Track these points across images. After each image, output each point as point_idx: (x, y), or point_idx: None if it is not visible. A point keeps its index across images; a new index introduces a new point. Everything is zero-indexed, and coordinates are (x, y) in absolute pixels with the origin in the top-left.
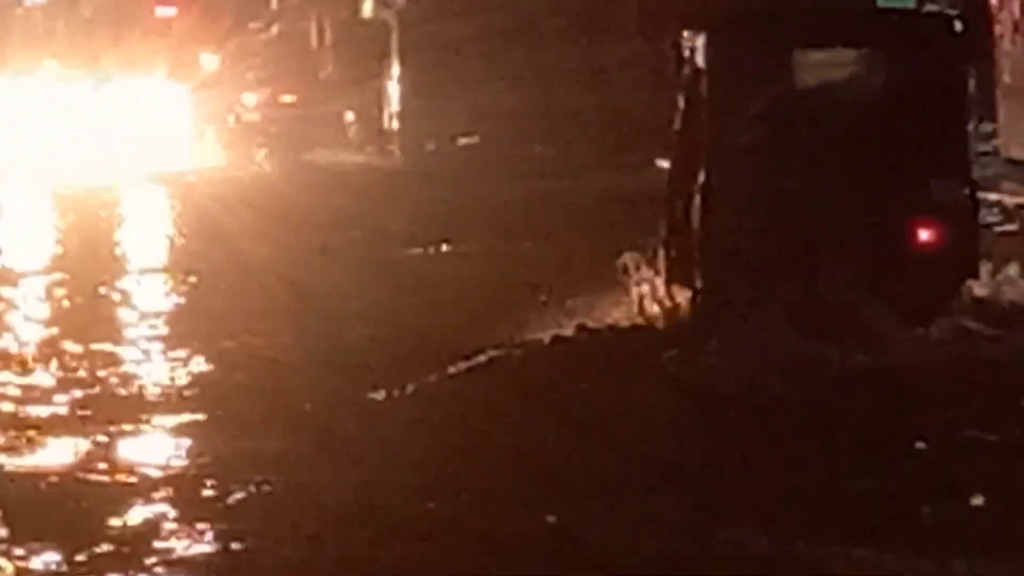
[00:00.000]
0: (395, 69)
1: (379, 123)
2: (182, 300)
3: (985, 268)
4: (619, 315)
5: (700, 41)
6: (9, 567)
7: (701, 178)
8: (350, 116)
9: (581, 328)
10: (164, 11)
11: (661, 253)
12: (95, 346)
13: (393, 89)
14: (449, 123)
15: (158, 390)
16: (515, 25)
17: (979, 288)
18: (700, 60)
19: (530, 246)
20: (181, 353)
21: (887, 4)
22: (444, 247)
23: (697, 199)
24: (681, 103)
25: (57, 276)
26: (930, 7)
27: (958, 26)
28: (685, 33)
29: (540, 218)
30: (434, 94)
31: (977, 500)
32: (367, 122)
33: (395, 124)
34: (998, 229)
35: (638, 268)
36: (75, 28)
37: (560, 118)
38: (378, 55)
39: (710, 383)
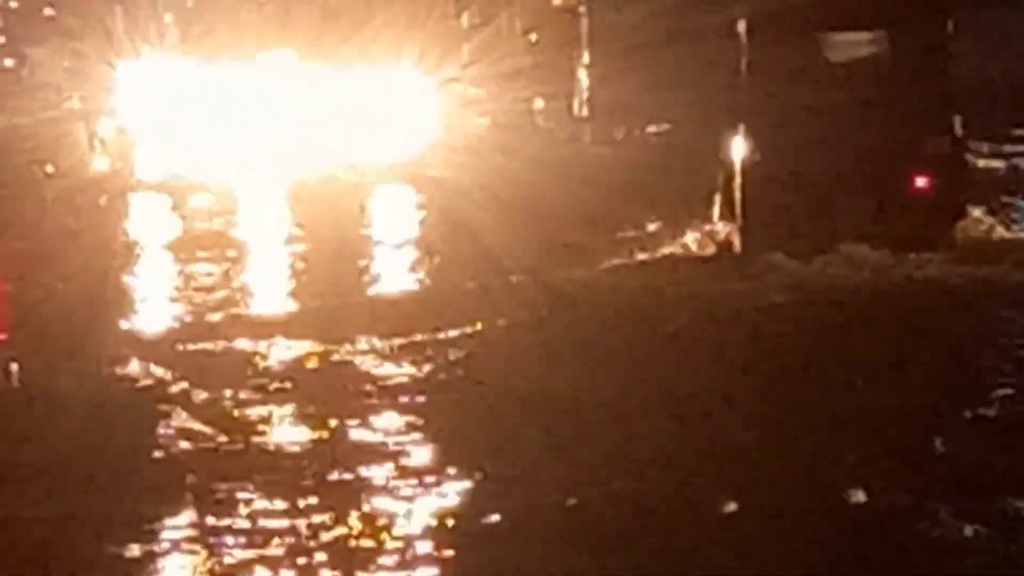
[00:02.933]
0: (586, 56)
1: (569, 110)
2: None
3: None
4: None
5: (741, 26)
6: None
7: (742, 136)
8: (540, 103)
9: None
10: None
11: (716, 198)
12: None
13: (584, 76)
14: (639, 110)
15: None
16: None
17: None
18: (742, 40)
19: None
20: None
21: None
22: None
23: (739, 152)
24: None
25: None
26: None
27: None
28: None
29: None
30: (625, 81)
31: None
32: (557, 109)
33: (585, 111)
34: None
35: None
36: (311, 16)
37: None
38: (569, 42)
39: (747, 297)
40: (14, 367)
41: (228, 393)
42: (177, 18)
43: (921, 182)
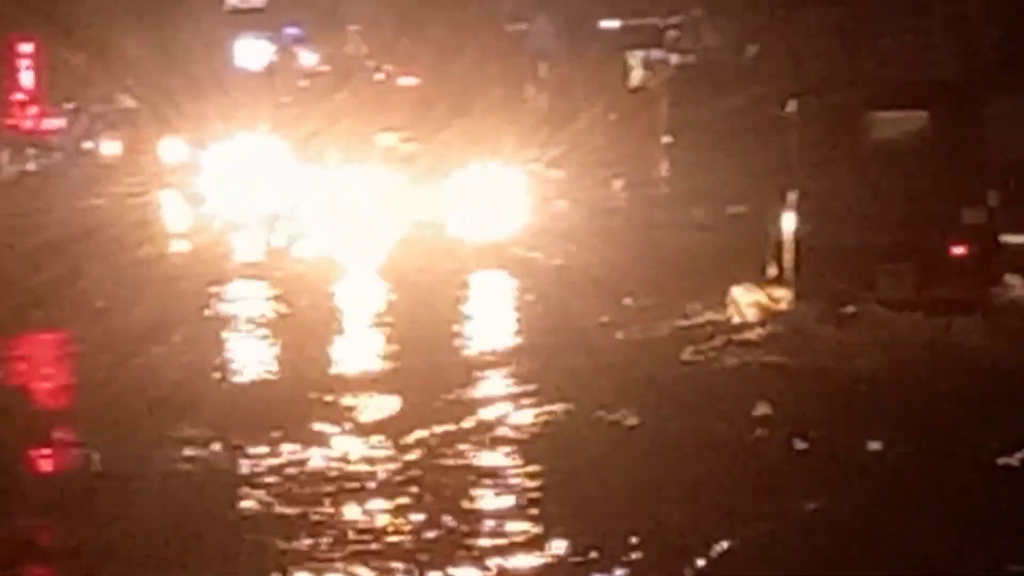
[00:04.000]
0: (664, 138)
1: (648, 191)
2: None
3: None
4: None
5: (792, 105)
6: None
7: (793, 209)
8: (618, 184)
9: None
10: (405, 80)
11: (769, 266)
12: None
13: (662, 156)
14: (719, 191)
15: None
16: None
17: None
18: (793, 117)
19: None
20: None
21: None
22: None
23: (790, 224)
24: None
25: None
26: None
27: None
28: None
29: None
30: (703, 163)
31: None
32: (636, 190)
33: (664, 190)
34: None
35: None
36: (409, 102)
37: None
38: (647, 124)
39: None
40: (96, 454)
41: (314, 472)
42: (279, 101)
43: (958, 251)
